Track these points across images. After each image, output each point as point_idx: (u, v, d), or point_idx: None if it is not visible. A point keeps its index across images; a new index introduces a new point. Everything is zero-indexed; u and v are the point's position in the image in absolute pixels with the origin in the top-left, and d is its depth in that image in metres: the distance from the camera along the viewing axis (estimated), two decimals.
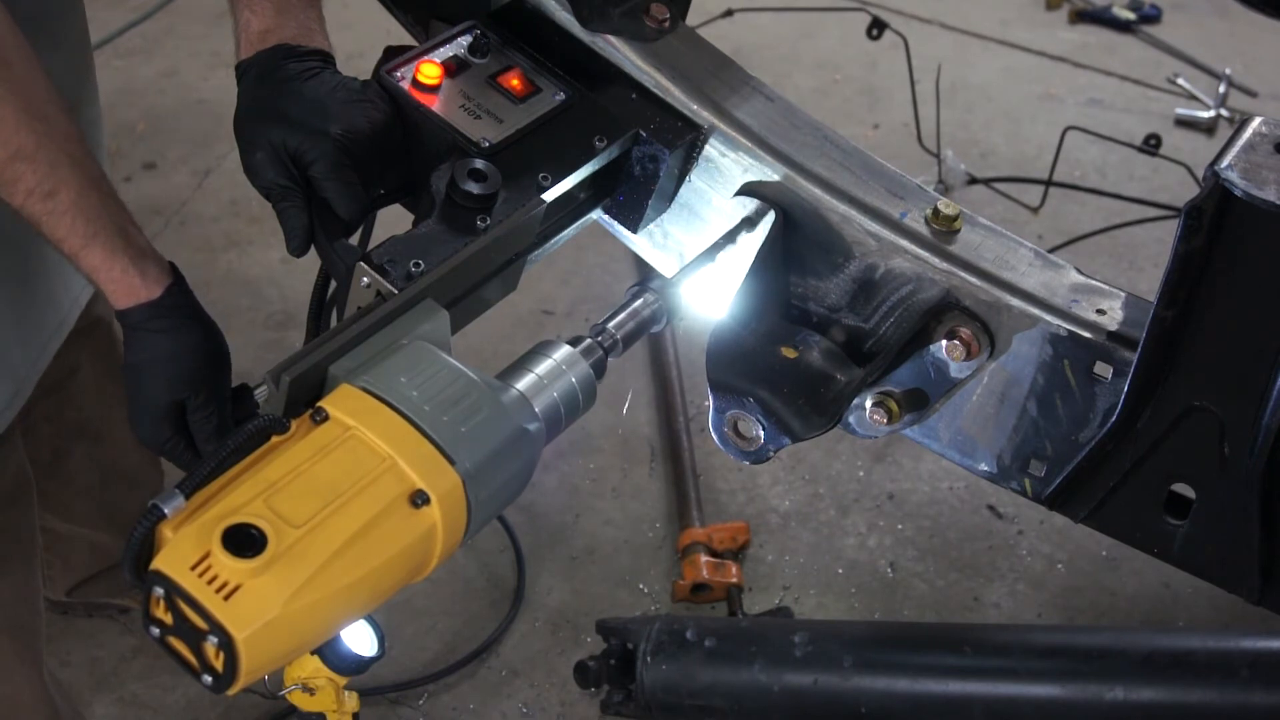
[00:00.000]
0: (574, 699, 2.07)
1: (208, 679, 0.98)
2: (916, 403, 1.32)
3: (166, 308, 1.27)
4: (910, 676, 1.74)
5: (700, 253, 1.37)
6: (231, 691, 1.00)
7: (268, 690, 1.15)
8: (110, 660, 2.18)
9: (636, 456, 2.49)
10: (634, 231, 1.42)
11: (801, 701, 1.76)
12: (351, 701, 1.25)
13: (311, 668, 1.15)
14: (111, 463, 2.04)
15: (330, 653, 1.12)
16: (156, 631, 0.99)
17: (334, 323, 1.24)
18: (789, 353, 1.31)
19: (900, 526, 2.36)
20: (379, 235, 1.32)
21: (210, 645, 0.97)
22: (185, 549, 0.97)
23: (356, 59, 3.57)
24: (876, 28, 3.31)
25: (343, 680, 1.21)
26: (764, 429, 1.31)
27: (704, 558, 2.22)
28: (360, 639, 1.13)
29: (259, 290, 2.88)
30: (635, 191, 1.39)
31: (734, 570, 2.21)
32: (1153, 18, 3.95)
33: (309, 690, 1.19)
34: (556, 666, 2.12)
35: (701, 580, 2.19)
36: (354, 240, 1.28)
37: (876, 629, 2.01)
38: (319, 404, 1.06)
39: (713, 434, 1.36)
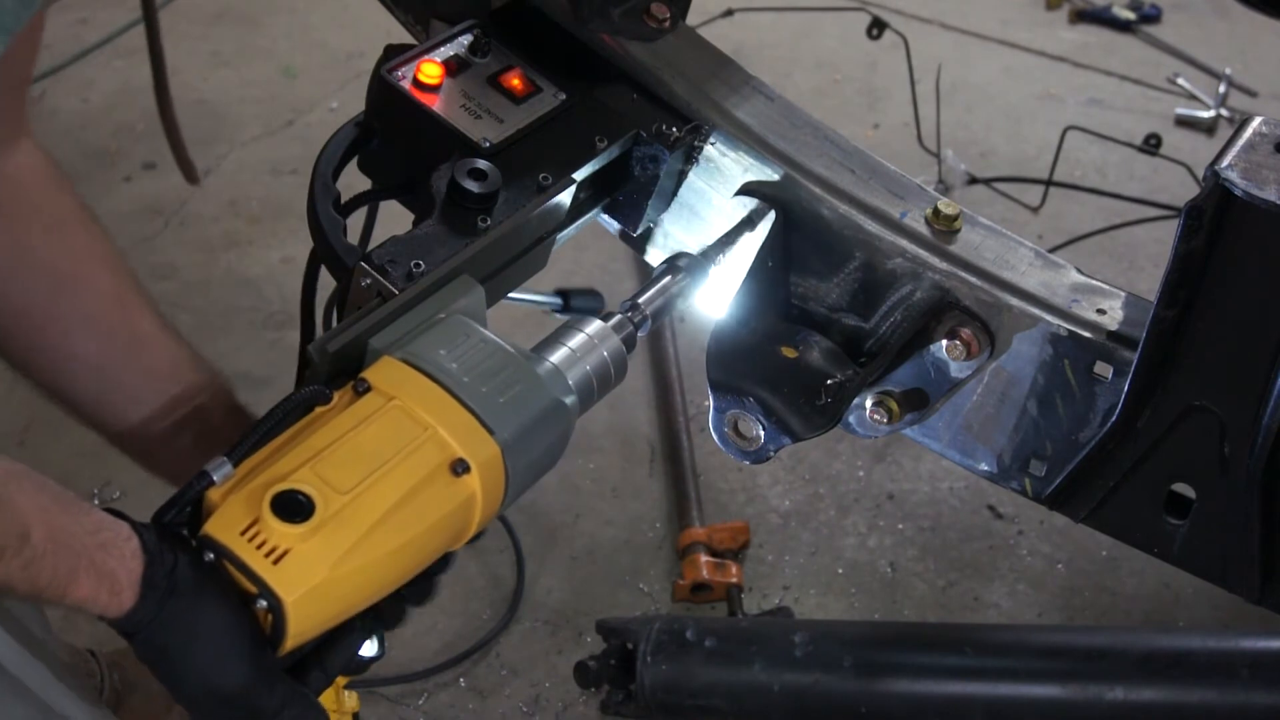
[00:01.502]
0: (574, 699, 2.07)
1: None
2: (917, 402, 1.32)
3: (163, 590, 1.02)
4: (910, 677, 1.74)
5: (709, 245, 1.37)
6: (279, 654, 1.02)
7: None
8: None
9: (636, 456, 2.48)
10: (634, 231, 1.42)
11: (801, 701, 1.76)
12: (351, 701, 1.25)
13: None
14: None
15: None
16: None
17: (334, 323, 1.24)
18: (789, 352, 1.31)
19: (900, 526, 2.36)
20: (379, 235, 1.32)
21: (259, 609, 0.99)
22: (235, 515, 1.00)
23: (357, 59, 3.59)
24: (876, 28, 3.30)
25: (343, 680, 1.21)
26: (764, 429, 1.31)
27: (704, 558, 2.21)
28: None
29: (259, 290, 2.88)
30: (635, 191, 1.39)
31: (734, 570, 2.21)
32: (1153, 18, 3.95)
33: None
34: (556, 666, 2.12)
35: (701, 580, 2.19)
36: (355, 240, 1.28)
37: (876, 629, 2.01)
38: (361, 375, 1.09)
39: (713, 434, 1.36)
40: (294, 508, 0.98)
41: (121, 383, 1.41)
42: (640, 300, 1.30)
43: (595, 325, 1.23)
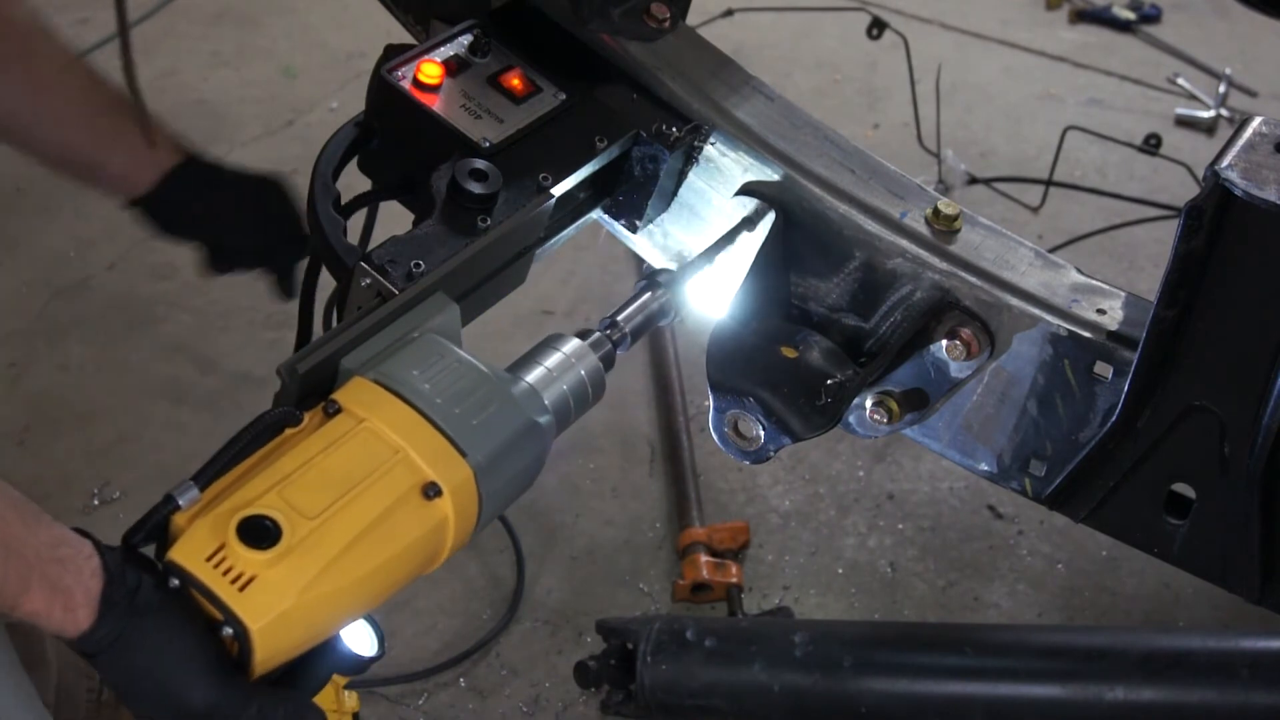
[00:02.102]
0: (574, 699, 2.07)
1: None
2: (917, 402, 1.32)
3: (123, 610, 1.00)
4: (910, 677, 1.74)
5: (708, 246, 1.37)
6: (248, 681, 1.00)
7: None
8: None
9: (636, 456, 2.48)
10: (634, 231, 1.42)
11: (801, 701, 1.76)
12: (351, 701, 1.25)
13: None
14: None
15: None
16: None
17: (334, 323, 1.24)
18: (789, 353, 1.31)
19: (900, 526, 2.36)
20: (379, 235, 1.32)
21: (225, 636, 0.98)
22: (200, 540, 0.98)
23: (357, 58, 3.59)
24: (876, 28, 3.31)
25: (343, 680, 1.21)
26: (764, 429, 1.31)
27: (704, 558, 2.21)
28: (360, 639, 1.13)
29: (259, 290, 2.87)
30: (635, 191, 1.39)
31: (734, 570, 2.21)
32: (1153, 18, 3.95)
33: None
34: (556, 666, 2.12)
35: (701, 580, 2.19)
36: (354, 240, 1.28)
37: (876, 629, 2.01)
38: (331, 396, 1.07)
39: (713, 434, 1.36)
40: (260, 533, 0.97)
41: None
42: (619, 318, 1.28)
43: (573, 344, 1.21)
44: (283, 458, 1.03)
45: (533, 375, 1.18)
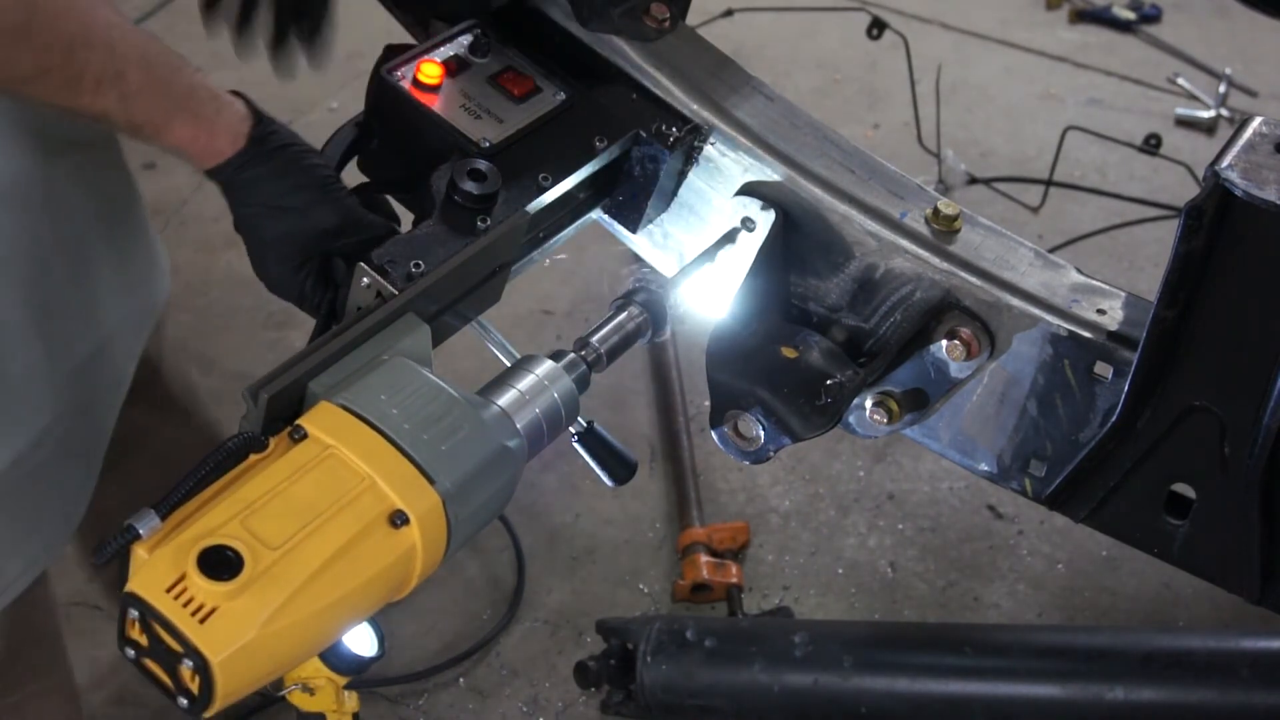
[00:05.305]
0: (574, 699, 2.07)
1: (183, 702, 0.97)
2: (917, 403, 1.32)
3: (260, 151, 1.24)
4: (910, 677, 1.74)
5: (693, 259, 1.37)
6: (208, 715, 0.98)
7: (268, 690, 1.15)
8: (108, 659, 2.18)
9: (637, 456, 2.49)
10: (634, 231, 1.42)
11: (801, 701, 1.76)
12: (351, 701, 1.24)
13: (311, 668, 1.15)
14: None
15: (330, 653, 1.11)
16: (132, 653, 0.97)
17: (334, 324, 1.23)
18: (789, 353, 1.31)
19: (900, 526, 2.36)
20: None
21: (186, 668, 0.95)
22: (160, 571, 0.95)
23: (356, 59, 3.55)
24: (876, 28, 3.31)
25: (342, 680, 1.21)
26: (764, 429, 1.31)
27: (704, 558, 2.22)
28: (360, 639, 1.13)
29: (259, 290, 2.86)
30: (635, 191, 1.39)
31: (734, 570, 2.21)
32: (1153, 18, 3.95)
33: (309, 690, 1.19)
34: (556, 666, 2.12)
35: (701, 580, 2.19)
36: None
37: (876, 629, 2.01)
38: (298, 422, 1.05)
39: (713, 434, 1.36)
40: (222, 564, 0.94)
41: None
42: (593, 339, 1.26)
43: (546, 366, 1.19)
44: (246, 485, 1.00)
45: (504, 398, 1.15)
